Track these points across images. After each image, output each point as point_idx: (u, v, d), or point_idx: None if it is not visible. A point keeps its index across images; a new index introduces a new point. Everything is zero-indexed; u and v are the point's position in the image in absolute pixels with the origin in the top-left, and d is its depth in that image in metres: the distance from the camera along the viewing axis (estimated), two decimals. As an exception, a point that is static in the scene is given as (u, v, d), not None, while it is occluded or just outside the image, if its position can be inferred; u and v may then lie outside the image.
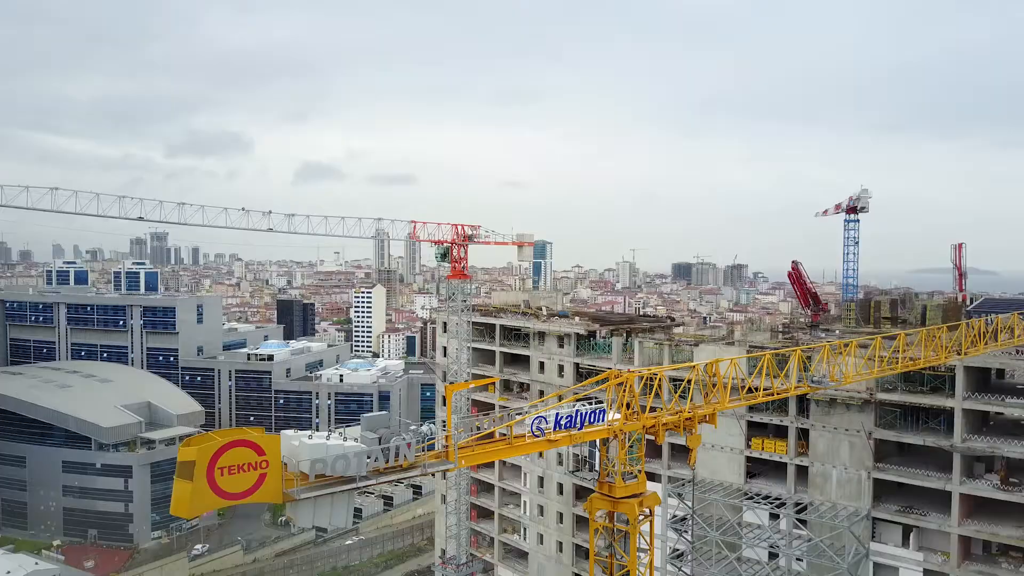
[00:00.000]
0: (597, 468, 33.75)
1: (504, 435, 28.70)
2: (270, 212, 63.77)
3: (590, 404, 30.74)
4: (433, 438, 26.88)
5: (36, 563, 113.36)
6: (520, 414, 30.29)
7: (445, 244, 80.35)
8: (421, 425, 28.06)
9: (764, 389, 38.28)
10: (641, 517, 31.49)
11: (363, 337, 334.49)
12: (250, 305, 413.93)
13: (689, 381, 33.76)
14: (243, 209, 62.44)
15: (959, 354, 52.70)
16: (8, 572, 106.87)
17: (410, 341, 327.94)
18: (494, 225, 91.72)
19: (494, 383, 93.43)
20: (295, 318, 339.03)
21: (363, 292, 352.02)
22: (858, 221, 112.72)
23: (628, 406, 31.47)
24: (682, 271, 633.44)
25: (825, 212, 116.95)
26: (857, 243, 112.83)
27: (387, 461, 25.30)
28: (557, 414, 29.96)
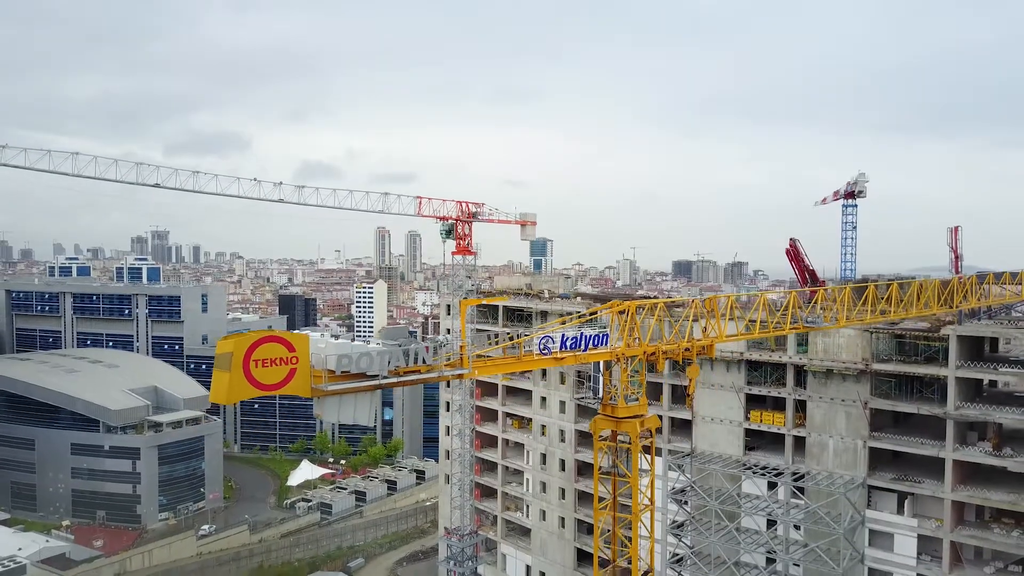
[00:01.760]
0: (601, 394, 35.48)
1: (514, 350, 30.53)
2: (280, 183, 65.42)
3: (594, 328, 32.53)
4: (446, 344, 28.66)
5: (47, 540, 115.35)
6: (528, 335, 32.03)
7: (450, 220, 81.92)
8: (437, 336, 29.81)
9: (760, 324, 40.04)
10: (642, 438, 33.19)
11: (364, 332, 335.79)
12: (252, 301, 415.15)
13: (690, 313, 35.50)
14: (255, 179, 64.17)
15: (950, 306, 54.27)
16: (20, 548, 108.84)
17: (411, 336, 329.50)
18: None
19: (504, 302, 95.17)
20: (297, 313, 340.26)
21: (365, 287, 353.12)
22: (856, 206, 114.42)
23: (630, 333, 33.22)
24: (682, 269, 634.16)
25: (824, 200, 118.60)
26: (855, 227, 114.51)
27: (407, 363, 27.16)
28: (563, 335, 31.76)
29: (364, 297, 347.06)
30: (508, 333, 32.35)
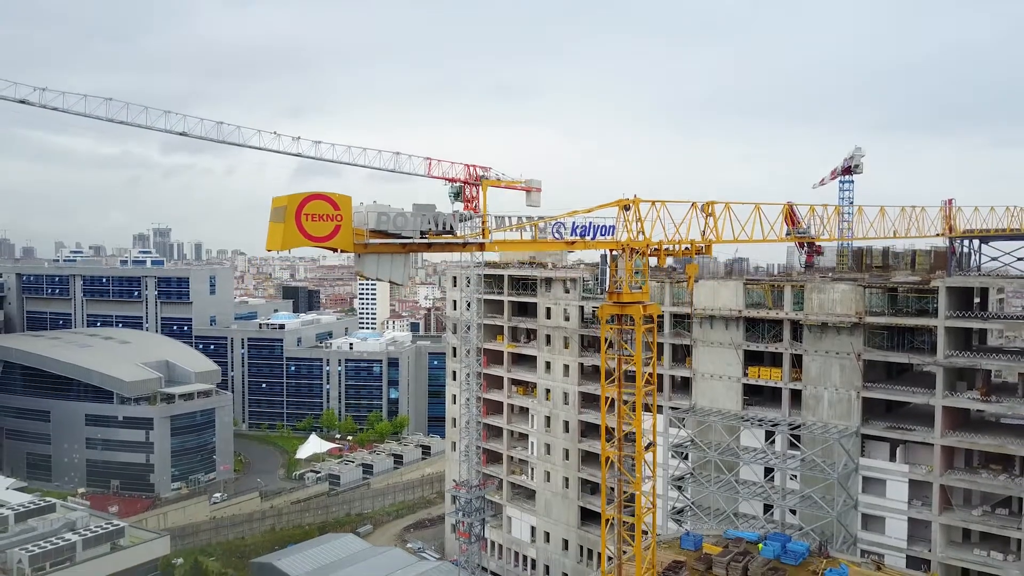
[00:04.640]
0: (607, 285, 38.41)
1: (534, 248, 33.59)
2: (299, 138, 68.40)
3: (603, 220, 35.75)
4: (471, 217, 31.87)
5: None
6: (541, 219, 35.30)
7: (458, 183, 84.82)
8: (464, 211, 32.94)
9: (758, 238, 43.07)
10: (644, 322, 36.15)
11: (368, 324, 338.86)
12: (254, 295, 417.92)
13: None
14: (275, 133, 67.18)
15: (938, 233, 57.09)
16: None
17: (414, 327, 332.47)
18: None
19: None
20: (300, 304, 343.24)
21: (367, 281, 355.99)
22: (852, 182, 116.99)
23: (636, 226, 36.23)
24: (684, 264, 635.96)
25: (822, 182, 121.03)
26: (852, 203, 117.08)
27: (436, 229, 30.46)
28: (574, 222, 34.96)
29: (367, 291, 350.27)
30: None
